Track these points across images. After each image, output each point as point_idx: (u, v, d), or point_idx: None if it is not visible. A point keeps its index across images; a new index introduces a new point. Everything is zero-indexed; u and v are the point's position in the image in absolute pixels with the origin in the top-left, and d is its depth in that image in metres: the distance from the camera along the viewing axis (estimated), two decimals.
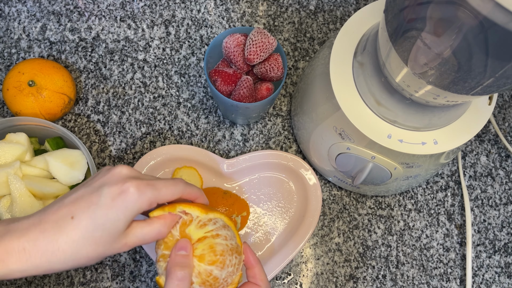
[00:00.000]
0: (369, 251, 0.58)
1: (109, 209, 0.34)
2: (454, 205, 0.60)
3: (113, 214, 0.34)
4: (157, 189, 0.36)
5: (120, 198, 0.34)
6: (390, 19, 0.36)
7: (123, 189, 0.34)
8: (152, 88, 0.63)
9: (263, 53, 0.51)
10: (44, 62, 0.57)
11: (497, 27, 0.27)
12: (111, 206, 0.34)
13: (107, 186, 0.34)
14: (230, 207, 0.54)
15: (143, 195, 0.35)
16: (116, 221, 0.34)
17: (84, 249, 0.33)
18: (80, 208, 0.34)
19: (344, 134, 0.48)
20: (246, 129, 0.62)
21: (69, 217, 0.33)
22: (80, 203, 0.34)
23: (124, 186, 0.34)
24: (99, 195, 0.34)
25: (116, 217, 0.34)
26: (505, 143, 0.61)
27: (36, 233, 0.33)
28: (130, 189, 0.34)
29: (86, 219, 0.33)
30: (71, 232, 0.33)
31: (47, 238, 0.33)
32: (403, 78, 0.39)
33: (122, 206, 0.34)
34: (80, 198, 0.35)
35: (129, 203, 0.34)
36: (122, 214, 0.34)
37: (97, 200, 0.34)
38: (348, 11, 0.68)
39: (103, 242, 0.34)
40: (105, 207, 0.34)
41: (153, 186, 0.36)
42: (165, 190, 0.36)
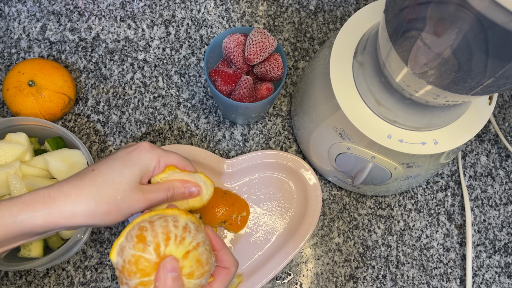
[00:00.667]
0: (369, 251, 0.58)
1: (125, 160, 0.39)
2: (454, 205, 0.60)
3: (129, 163, 0.38)
4: (166, 153, 0.41)
5: (134, 151, 0.39)
6: (390, 19, 0.36)
7: (138, 146, 0.40)
8: (152, 88, 0.63)
9: (263, 53, 0.51)
10: (44, 62, 0.57)
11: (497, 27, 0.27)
12: (127, 158, 0.39)
13: (123, 148, 0.41)
14: (230, 207, 0.54)
15: (153, 151, 0.40)
16: (132, 169, 0.38)
17: (104, 192, 0.37)
18: (101, 163, 0.39)
19: (344, 134, 0.48)
20: (246, 129, 0.62)
21: (91, 170, 0.38)
22: (101, 161, 0.39)
23: (138, 144, 0.40)
24: (116, 153, 0.40)
25: (132, 166, 0.38)
26: (505, 143, 0.61)
27: (61, 183, 0.37)
28: (143, 144, 0.40)
29: (105, 169, 0.38)
30: (93, 179, 0.37)
31: (71, 184, 0.36)
32: (403, 78, 0.39)
33: (136, 157, 0.39)
34: (101, 159, 0.40)
35: (142, 156, 0.39)
36: (137, 164, 0.39)
37: (114, 156, 0.39)
38: (348, 11, 0.68)
39: (122, 189, 0.37)
40: (121, 159, 0.39)
41: (162, 149, 0.41)
42: (172, 155, 0.42)
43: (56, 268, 0.55)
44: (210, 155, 0.56)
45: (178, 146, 0.56)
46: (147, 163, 0.39)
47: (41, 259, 0.49)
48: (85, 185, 0.36)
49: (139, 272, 0.34)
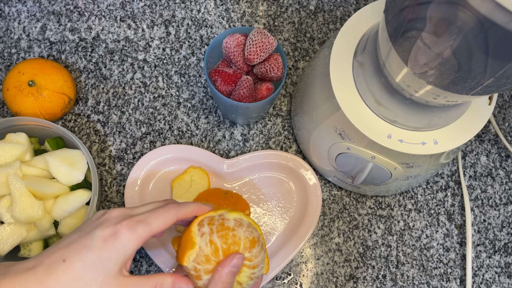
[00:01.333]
0: (369, 251, 0.58)
1: (101, 251, 0.34)
2: (454, 205, 0.60)
3: (104, 255, 0.34)
4: (148, 224, 0.36)
5: (111, 239, 0.34)
6: (390, 19, 0.36)
7: (115, 231, 0.35)
8: (152, 88, 0.63)
9: (263, 53, 0.51)
10: (44, 62, 0.57)
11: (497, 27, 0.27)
12: (103, 247, 0.34)
13: (99, 229, 0.35)
14: (232, 206, 0.54)
15: (134, 233, 0.35)
16: (107, 262, 0.34)
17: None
18: (72, 251, 0.34)
19: (344, 134, 0.48)
20: (246, 129, 0.62)
21: (61, 260, 0.34)
22: (73, 246, 0.34)
23: (116, 227, 0.35)
24: (91, 238, 0.35)
25: (108, 257, 0.34)
26: (505, 143, 0.61)
27: (28, 276, 0.33)
28: (121, 228, 0.35)
29: (77, 261, 0.33)
30: (61, 274, 0.33)
31: (39, 280, 0.33)
32: (403, 78, 0.39)
33: (113, 247, 0.34)
34: (73, 241, 0.35)
35: (121, 243, 0.34)
36: (114, 254, 0.34)
37: (88, 243, 0.34)
38: (348, 11, 0.68)
39: (95, 285, 0.33)
40: (96, 249, 0.34)
41: (143, 222, 0.36)
42: (157, 222, 0.37)
43: None
44: (210, 155, 0.56)
45: (178, 146, 0.56)
46: (129, 252, 0.35)
47: None
48: (52, 283, 0.32)
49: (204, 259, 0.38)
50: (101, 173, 0.59)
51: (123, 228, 0.35)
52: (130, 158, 0.60)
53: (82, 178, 0.52)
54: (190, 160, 0.56)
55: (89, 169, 0.53)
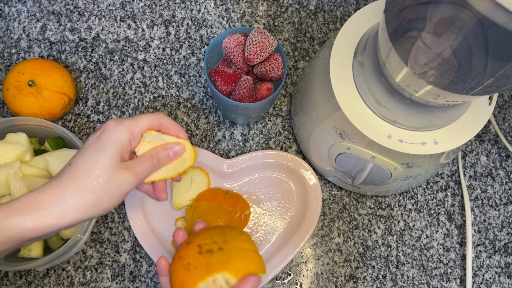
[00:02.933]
0: (369, 251, 0.58)
1: (97, 144, 0.38)
2: (454, 205, 0.60)
3: (101, 146, 0.37)
4: (134, 119, 0.40)
5: (103, 133, 0.38)
6: (390, 19, 0.36)
7: (104, 126, 0.39)
8: (152, 88, 0.63)
9: (263, 53, 0.51)
10: (44, 62, 0.57)
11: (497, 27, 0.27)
12: (97, 142, 0.38)
13: (94, 133, 0.40)
14: (233, 206, 0.54)
15: (120, 125, 0.39)
16: (106, 152, 0.37)
17: (88, 184, 0.36)
18: (76, 155, 0.38)
19: (344, 134, 0.48)
20: (246, 129, 0.62)
21: (68, 165, 0.38)
22: (77, 153, 0.39)
23: (104, 125, 0.39)
24: (88, 139, 0.39)
25: (105, 148, 0.37)
26: (505, 143, 0.61)
27: (45, 185, 0.36)
28: (109, 123, 0.39)
29: (80, 159, 0.37)
30: (71, 173, 0.37)
31: (53, 184, 0.36)
32: (403, 78, 0.39)
33: (105, 138, 0.38)
34: (77, 151, 0.39)
35: (111, 134, 0.38)
36: (109, 145, 0.38)
37: (86, 143, 0.39)
38: (348, 11, 0.68)
39: (104, 174, 0.37)
40: (93, 145, 0.38)
41: (130, 118, 0.40)
42: (142, 118, 0.40)
43: (56, 268, 0.55)
44: (210, 155, 0.56)
45: None
46: (119, 139, 0.38)
47: (41, 259, 0.49)
48: (65, 181, 0.36)
49: None
50: None
51: (110, 122, 0.39)
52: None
53: None
54: None
55: None
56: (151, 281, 0.55)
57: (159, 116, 0.42)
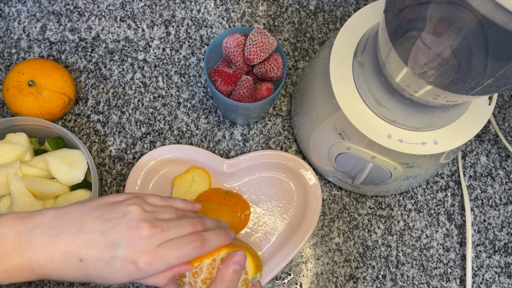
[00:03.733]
0: (369, 251, 0.58)
1: (115, 272, 0.36)
2: (454, 205, 0.60)
3: (117, 276, 0.36)
4: (168, 263, 0.37)
5: (129, 267, 0.36)
6: (390, 19, 0.36)
7: (135, 261, 0.36)
8: (152, 88, 0.63)
9: (263, 53, 0.51)
10: (44, 62, 0.57)
11: (497, 27, 0.27)
12: (119, 270, 0.36)
13: (122, 249, 0.36)
14: (233, 206, 0.54)
15: (151, 269, 0.36)
16: (118, 281, 0.36)
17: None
18: (91, 254, 0.35)
19: (344, 134, 0.48)
20: (246, 129, 0.62)
21: (78, 259, 0.35)
22: (92, 248, 0.36)
23: (138, 258, 0.36)
24: (112, 256, 0.36)
25: (119, 280, 0.36)
26: (505, 143, 0.61)
27: (46, 259, 0.35)
28: (141, 264, 0.36)
29: (92, 269, 0.35)
30: (75, 272, 0.35)
31: (55, 268, 0.35)
32: (403, 78, 0.39)
33: (127, 274, 0.36)
34: (93, 239, 0.36)
35: (136, 275, 0.36)
36: (126, 278, 0.36)
37: (109, 259, 0.36)
38: (348, 11, 0.68)
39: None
40: (113, 268, 0.36)
41: (165, 259, 0.37)
42: (177, 261, 0.38)
43: None
44: (210, 155, 0.56)
45: (178, 146, 0.56)
46: (140, 279, 0.37)
47: None
48: (66, 275, 0.36)
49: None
50: (101, 173, 0.59)
51: (143, 264, 0.36)
52: (130, 158, 0.60)
53: (82, 178, 0.52)
54: (190, 160, 0.56)
55: (89, 169, 0.53)
56: None
57: (197, 252, 0.39)
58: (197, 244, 0.38)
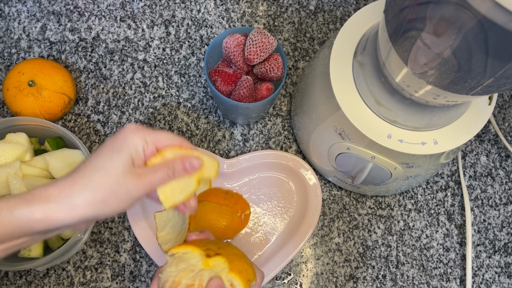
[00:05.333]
0: (369, 251, 0.58)
1: (112, 145, 0.38)
2: (454, 205, 0.60)
3: (116, 146, 0.38)
4: (155, 131, 0.40)
5: (119, 134, 0.39)
6: (390, 19, 0.36)
7: (123, 128, 0.39)
8: (152, 88, 0.63)
9: (263, 53, 0.51)
10: (44, 62, 0.57)
11: (497, 27, 0.27)
12: (113, 143, 0.38)
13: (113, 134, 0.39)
14: (233, 206, 0.54)
15: (138, 131, 0.39)
16: (119, 152, 0.38)
17: (97, 180, 0.36)
18: (92, 154, 0.39)
19: (344, 134, 0.48)
20: (246, 129, 0.62)
21: (82, 162, 0.38)
22: (93, 152, 0.39)
23: (124, 126, 0.39)
24: (106, 140, 0.40)
25: (119, 148, 0.38)
26: (505, 143, 0.61)
27: (57, 179, 0.37)
28: (128, 125, 0.39)
29: (94, 157, 0.38)
30: (83, 169, 0.37)
31: (65, 178, 0.37)
32: (403, 78, 0.39)
33: (121, 140, 0.38)
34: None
35: (127, 137, 0.38)
36: (124, 146, 0.38)
37: (103, 144, 0.39)
38: (348, 11, 0.68)
39: (114, 174, 0.37)
40: (109, 145, 0.38)
41: (152, 129, 0.40)
42: (163, 133, 0.40)
43: (56, 268, 0.55)
44: (210, 155, 0.56)
45: None
46: (133, 145, 0.38)
47: (41, 259, 0.49)
48: (77, 176, 0.36)
49: None
50: None
51: (129, 126, 0.39)
52: None
53: None
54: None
55: None
56: (151, 281, 0.55)
57: (181, 139, 0.42)
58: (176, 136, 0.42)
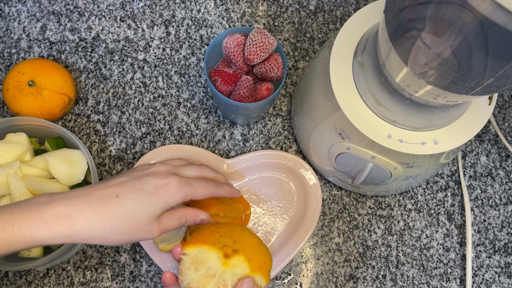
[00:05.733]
0: (369, 251, 0.58)
1: (152, 196, 0.38)
2: (454, 205, 0.60)
3: (155, 200, 0.38)
4: (194, 188, 0.41)
5: (163, 188, 0.39)
6: (390, 19, 0.36)
7: (167, 182, 0.39)
8: (152, 88, 0.63)
9: (263, 53, 0.51)
10: (44, 62, 0.57)
11: (497, 27, 0.27)
12: (154, 193, 0.38)
13: (152, 177, 0.39)
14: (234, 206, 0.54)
15: (181, 190, 0.40)
16: (155, 206, 0.39)
17: (122, 225, 0.37)
18: (125, 190, 0.38)
19: (344, 134, 0.48)
20: (246, 129, 0.62)
21: (114, 195, 0.37)
22: (125, 186, 0.38)
23: (168, 179, 0.40)
24: (144, 182, 0.39)
25: (157, 203, 0.39)
26: (505, 143, 0.61)
27: (82, 203, 0.36)
28: (173, 182, 0.40)
29: (130, 199, 0.38)
30: (115, 207, 0.37)
31: (92, 209, 0.36)
32: (403, 78, 0.39)
33: (163, 195, 0.39)
34: (125, 182, 0.39)
35: (170, 194, 0.39)
36: (162, 202, 0.39)
37: (141, 186, 0.39)
38: (348, 11, 0.68)
39: (140, 223, 0.38)
40: (148, 193, 0.38)
41: (190, 184, 0.41)
42: (200, 190, 0.42)
43: (56, 268, 0.55)
44: (210, 155, 0.56)
45: (178, 146, 0.56)
46: (173, 202, 0.40)
47: (41, 259, 0.49)
48: (106, 212, 0.37)
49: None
50: (101, 173, 0.59)
51: (174, 182, 0.40)
52: (130, 158, 0.60)
53: (82, 178, 0.52)
54: (190, 160, 0.56)
55: (89, 169, 0.53)
56: (151, 281, 0.55)
57: (212, 189, 0.43)
58: (212, 182, 0.43)
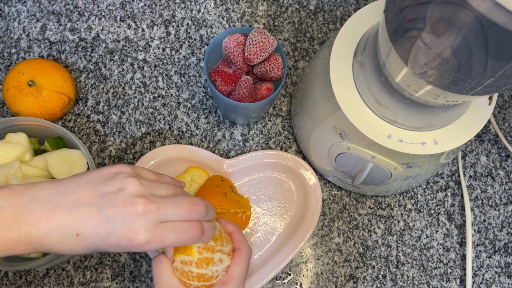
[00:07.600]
0: (369, 251, 0.58)
1: (111, 247, 0.35)
2: (454, 205, 0.60)
3: (113, 250, 0.36)
4: (163, 244, 0.36)
5: (124, 243, 0.35)
6: (390, 19, 0.36)
7: (130, 239, 0.35)
8: (152, 88, 0.63)
9: (263, 53, 0.51)
10: (44, 62, 0.57)
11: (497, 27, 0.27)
12: (114, 245, 0.35)
13: (118, 225, 0.35)
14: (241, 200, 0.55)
15: (145, 247, 0.35)
16: (115, 252, 0.38)
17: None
18: (87, 230, 0.35)
19: (344, 134, 0.48)
20: (246, 129, 0.62)
21: (75, 233, 0.35)
22: (88, 224, 0.35)
23: (133, 235, 0.35)
24: (107, 232, 0.35)
25: (116, 251, 0.36)
26: (505, 143, 0.61)
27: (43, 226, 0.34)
28: (135, 242, 0.35)
29: (88, 243, 0.35)
30: (73, 246, 0.35)
31: (52, 240, 0.34)
32: (403, 78, 0.39)
33: (122, 248, 0.35)
34: (88, 212, 0.35)
35: (131, 249, 0.36)
36: (122, 251, 0.36)
37: (104, 235, 0.35)
38: (348, 11, 0.68)
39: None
40: (108, 243, 0.35)
41: (161, 241, 0.36)
42: (172, 245, 0.37)
43: (56, 268, 0.55)
44: (210, 155, 0.56)
45: (178, 146, 0.56)
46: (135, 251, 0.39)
47: (41, 259, 0.49)
48: (63, 249, 0.35)
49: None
50: None
51: (142, 239, 0.35)
52: (130, 158, 0.60)
53: None
54: (190, 160, 0.56)
55: (89, 169, 0.53)
56: (151, 281, 0.55)
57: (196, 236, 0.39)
58: (196, 233, 0.37)
